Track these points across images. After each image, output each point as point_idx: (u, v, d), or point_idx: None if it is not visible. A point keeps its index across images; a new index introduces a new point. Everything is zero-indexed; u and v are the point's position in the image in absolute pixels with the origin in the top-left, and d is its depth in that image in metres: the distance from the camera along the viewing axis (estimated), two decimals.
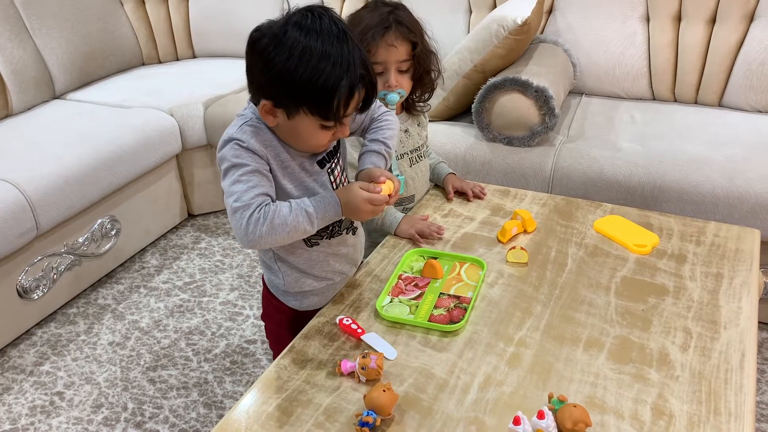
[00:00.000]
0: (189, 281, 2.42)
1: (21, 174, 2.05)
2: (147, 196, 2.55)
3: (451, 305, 1.24)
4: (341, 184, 1.24)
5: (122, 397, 1.90)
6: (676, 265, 1.37)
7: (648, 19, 2.54)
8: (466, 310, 1.22)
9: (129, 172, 2.36)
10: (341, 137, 1.19)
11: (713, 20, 2.45)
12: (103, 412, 1.85)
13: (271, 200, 1.11)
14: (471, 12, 2.76)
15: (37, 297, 2.15)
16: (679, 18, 2.50)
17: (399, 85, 1.45)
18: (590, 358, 1.12)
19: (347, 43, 1.05)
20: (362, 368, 1.05)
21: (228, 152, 1.11)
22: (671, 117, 2.40)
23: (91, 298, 2.34)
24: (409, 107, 1.59)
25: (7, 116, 2.54)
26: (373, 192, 1.14)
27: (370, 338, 1.16)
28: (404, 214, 1.53)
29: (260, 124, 1.14)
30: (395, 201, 1.21)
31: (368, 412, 0.97)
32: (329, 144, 1.19)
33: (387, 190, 1.16)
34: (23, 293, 2.10)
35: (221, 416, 1.74)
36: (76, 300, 2.32)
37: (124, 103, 2.64)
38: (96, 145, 2.28)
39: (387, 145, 1.26)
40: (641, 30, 2.53)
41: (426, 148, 1.65)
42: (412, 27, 1.44)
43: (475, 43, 2.24)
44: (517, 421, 0.94)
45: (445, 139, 2.27)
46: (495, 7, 2.66)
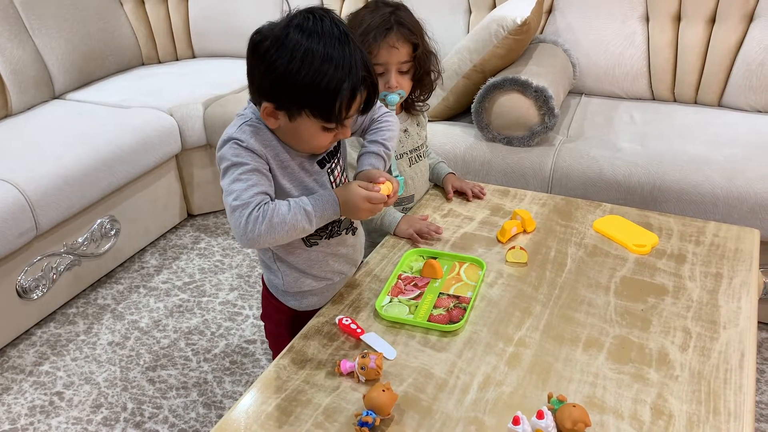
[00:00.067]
0: (188, 281, 2.42)
1: (20, 174, 2.05)
2: (146, 196, 2.55)
3: (451, 305, 1.24)
4: (341, 185, 1.24)
5: (122, 397, 1.90)
6: (675, 265, 1.37)
7: (647, 19, 2.54)
8: (465, 310, 1.22)
9: (128, 172, 2.36)
10: (342, 138, 1.19)
11: (713, 20, 2.45)
12: (102, 412, 1.84)
13: (271, 199, 1.11)
14: (471, 12, 2.76)
15: (36, 297, 2.15)
16: (678, 18, 2.50)
17: (399, 86, 1.45)
18: (590, 358, 1.12)
19: (349, 45, 1.05)
20: (361, 368, 1.05)
21: (227, 151, 1.11)
22: (671, 117, 2.40)
23: (91, 298, 2.34)
24: (408, 107, 1.59)
25: (7, 116, 2.54)
26: (372, 191, 1.14)
27: (370, 338, 1.16)
28: (403, 214, 1.53)
29: (260, 124, 1.14)
30: (393, 202, 1.21)
31: (367, 412, 0.97)
32: (330, 145, 1.19)
33: (386, 190, 1.16)
34: (23, 293, 2.10)
35: (221, 416, 1.73)
36: (76, 300, 2.32)
37: (124, 103, 2.64)
38: (95, 145, 2.28)
39: (386, 146, 1.26)
40: (641, 30, 2.53)
41: (425, 148, 1.65)
42: (413, 28, 1.44)
43: (475, 43, 2.24)
44: (516, 421, 0.94)
45: (445, 139, 2.27)
46: (494, 7, 2.65)
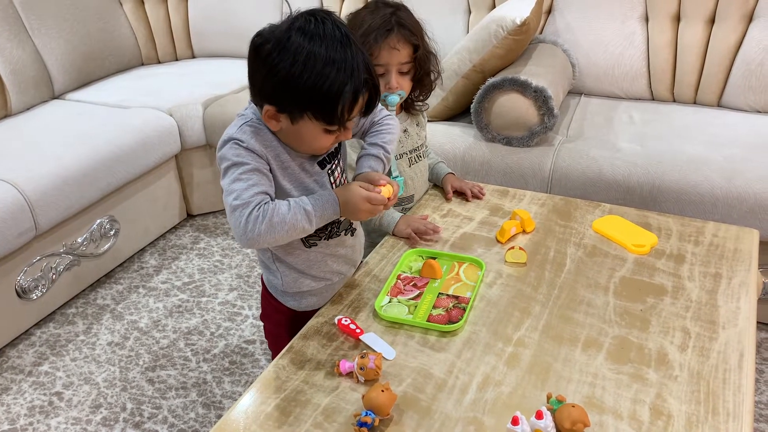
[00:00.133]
0: (188, 281, 2.42)
1: (20, 174, 2.05)
2: (146, 196, 2.55)
3: (450, 305, 1.24)
4: (341, 185, 1.24)
5: (121, 397, 1.90)
6: (674, 265, 1.37)
7: (647, 19, 2.54)
8: (464, 310, 1.22)
9: (128, 172, 2.36)
10: (344, 140, 1.19)
11: (712, 20, 2.45)
12: (101, 413, 1.84)
13: (271, 199, 1.11)
14: (470, 12, 2.76)
15: (35, 297, 2.15)
16: (678, 18, 2.50)
17: (399, 87, 1.45)
18: (589, 358, 1.12)
19: (350, 48, 1.05)
20: (361, 368, 1.05)
21: (228, 151, 1.11)
22: (670, 117, 2.40)
23: (90, 298, 2.34)
24: (407, 107, 1.59)
25: (6, 116, 2.54)
26: (373, 192, 1.14)
27: (369, 338, 1.16)
28: (402, 214, 1.53)
29: (260, 124, 1.14)
30: (393, 204, 1.21)
31: (367, 412, 0.97)
32: (331, 147, 1.19)
33: (387, 192, 1.16)
34: (22, 293, 2.10)
35: (220, 416, 1.73)
36: (75, 300, 2.32)
37: (123, 103, 2.64)
38: (95, 145, 2.28)
39: (386, 149, 1.26)
40: (640, 30, 2.54)
41: (425, 148, 1.65)
42: (413, 29, 1.44)
43: (474, 44, 2.24)
44: (515, 421, 0.94)
45: (444, 139, 2.27)
46: (494, 7, 2.66)
